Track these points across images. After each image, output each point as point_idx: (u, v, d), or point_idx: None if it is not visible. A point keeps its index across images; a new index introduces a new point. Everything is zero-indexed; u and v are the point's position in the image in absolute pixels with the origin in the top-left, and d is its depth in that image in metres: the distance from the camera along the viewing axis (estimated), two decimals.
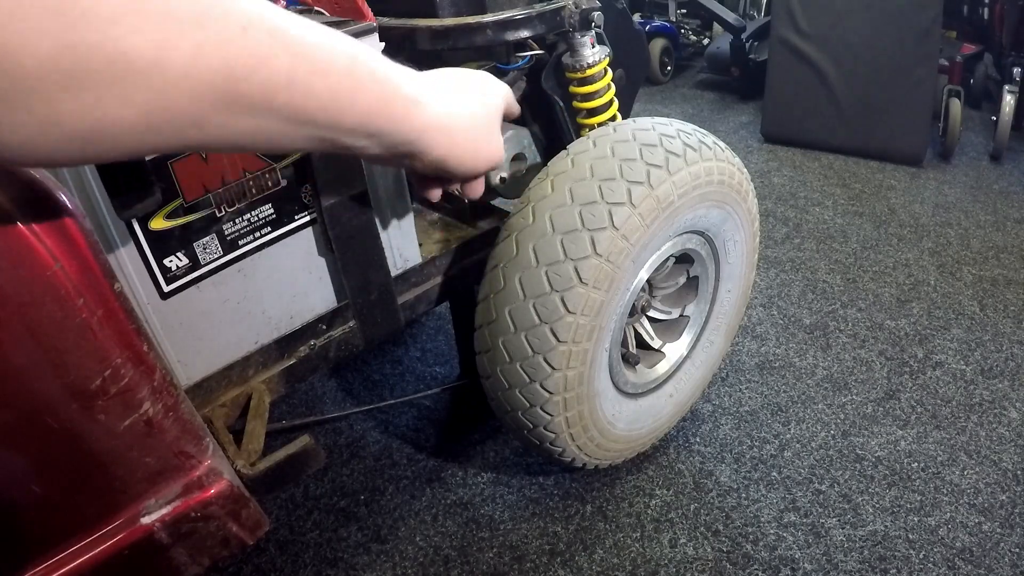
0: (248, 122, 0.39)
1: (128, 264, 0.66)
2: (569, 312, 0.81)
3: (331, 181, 0.76)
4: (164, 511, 0.59)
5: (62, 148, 0.34)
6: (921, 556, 1.00)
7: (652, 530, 1.06)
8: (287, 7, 0.76)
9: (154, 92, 0.34)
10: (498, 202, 1.05)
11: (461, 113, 0.56)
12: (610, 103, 0.98)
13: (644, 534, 1.05)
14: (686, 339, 1.11)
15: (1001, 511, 1.06)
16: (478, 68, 0.92)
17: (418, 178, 0.66)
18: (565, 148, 0.88)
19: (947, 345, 1.41)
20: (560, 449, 0.96)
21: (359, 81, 0.44)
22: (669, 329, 1.11)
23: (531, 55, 0.95)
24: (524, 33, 0.86)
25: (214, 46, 0.35)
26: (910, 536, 1.03)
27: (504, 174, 0.96)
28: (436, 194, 0.69)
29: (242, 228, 0.74)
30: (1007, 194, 2.00)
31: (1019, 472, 1.13)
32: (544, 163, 0.89)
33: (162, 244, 0.68)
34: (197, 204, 0.69)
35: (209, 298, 0.74)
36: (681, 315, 1.10)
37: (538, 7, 0.87)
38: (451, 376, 1.39)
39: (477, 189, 0.66)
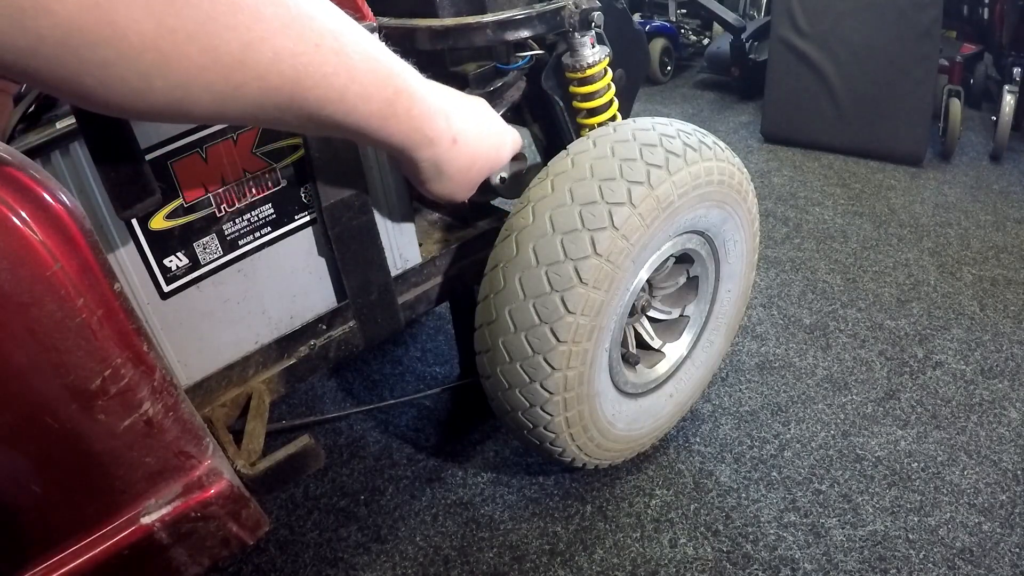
0: (293, 121, 0.44)
1: (128, 264, 0.67)
2: (569, 312, 0.81)
3: (331, 181, 0.76)
4: (164, 511, 0.59)
5: (143, 111, 0.38)
6: (921, 556, 1.00)
7: (652, 530, 1.06)
8: None
9: (231, 85, 0.38)
10: (498, 202, 1.05)
11: (463, 161, 0.62)
12: (610, 103, 0.98)
13: (644, 534, 1.05)
14: (686, 339, 1.11)
15: (1001, 511, 1.06)
16: (478, 69, 0.92)
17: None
18: (565, 148, 0.88)
19: (947, 345, 1.41)
20: (560, 449, 0.96)
21: (395, 113, 0.50)
22: (669, 329, 1.11)
23: (531, 55, 0.95)
24: (524, 33, 0.86)
25: (290, 56, 0.39)
26: (910, 536, 1.03)
27: (504, 174, 0.96)
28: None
29: (242, 228, 0.74)
30: (1007, 194, 2.00)
31: (1019, 472, 1.13)
32: (544, 163, 0.89)
33: (162, 244, 0.68)
34: (197, 204, 0.69)
35: (209, 298, 0.74)
36: (681, 315, 1.10)
37: (538, 7, 0.87)
38: (451, 376, 1.39)
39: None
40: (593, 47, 0.91)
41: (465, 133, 0.61)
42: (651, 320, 1.09)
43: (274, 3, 0.38)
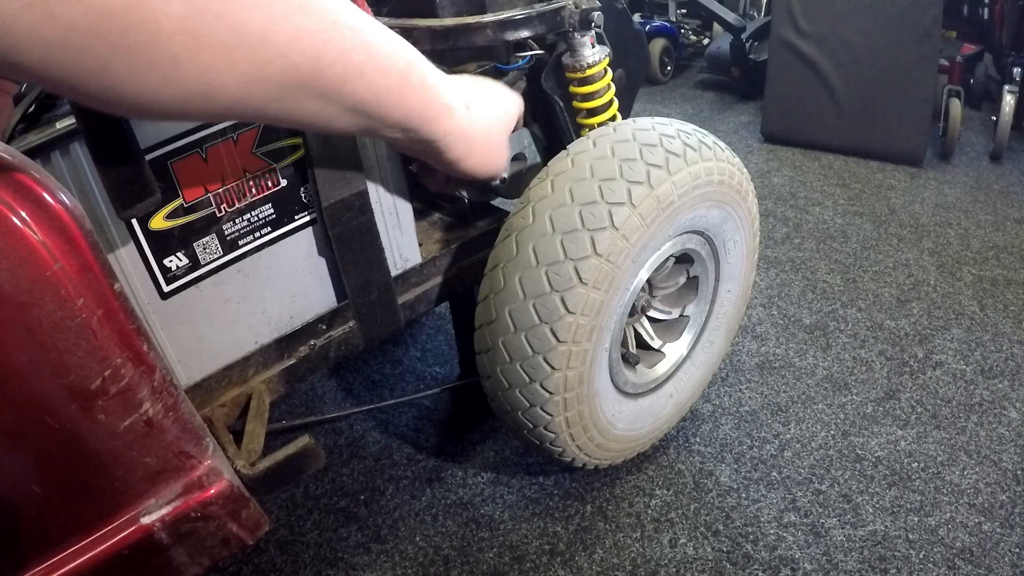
0: (316, 105, 0.44)
1: (128, 264, 0.66)
2: (569, 312, 0.81)
3: (331, 181, 0.76)
4: (164, 511, 0.59)
5: (168, 103, 0.38)
6: (921, 556, 1.00)
7: (652, 530, 1.06)
8: None
9: (256, 64, 0.39)
10: (498, 202, 1.06)
11: (481, 125, 0.63)
12: (610, 103, 0.98)
13: (644, 534, 1.05)
14: (686, 339, 1.11)
15: (1001, 511, 1.06)
16: (478, 69, 0.92)
17: (426, 169, 0.74)
18: (565, 148, 0.88)
19: (947, 345, 1.41)
20: (560, 449, 0.96)
21: (412, 84, 0.50)
22: (669, 329, 1.11)
23: (531, 55, 0.95)
24: (524, 33, 0.86)
25: (310, 33, 0.40)
26: (910, 536, 1.03)
27: (504, 174, 0.96)
28: (437, 185, 0.78)
29: (242, 228, 0.74)
30: (1007, 194, 2.00)
31: (1019, 472, 1.13)
32: (544, 163, 0.89)
33: (162, 244, 0.68)
34: (197, 204, 0.69)
35: (209, 298, 0.74)
36: (681, 315, 1.10)
37: (538, 7, 0.87)
38: (451, 376, 1.39)
39: (471, 187, 0.75)
40: (593, 47, 0.91)
41: (474, 97, 0.62)
42: (651, 320, 1.09)
43: None
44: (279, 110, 0.43)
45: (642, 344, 1.09)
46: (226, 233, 0.72)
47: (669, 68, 3.13)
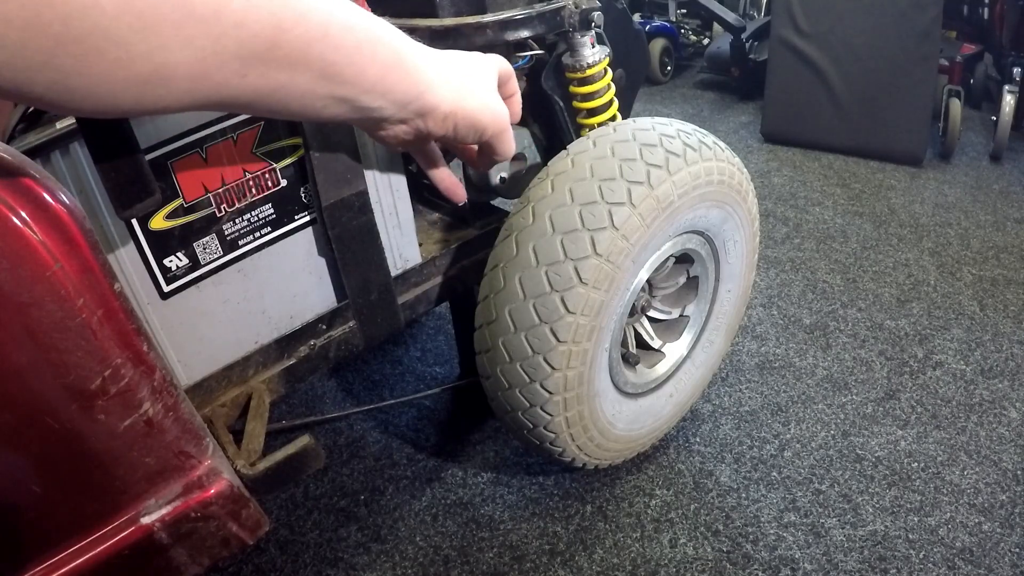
0: (284, 75, 0.43)
1: (128, 264, 0.66)
2: (569, 312, 0.81)
3: (331, 181, 0.76)
4: (164, 511, 0.59)
5: (121, 92, 0.37)
6: (921, 556, 1.00)
7: (652, 530, 1.06)
8: None
9: (211, 38, 0.37)
10: (498, 202, 1.06)
11: (461, 72, 0.59)
12: (610, 103, 0.98)
13: (644, 534, 1.05)
14: (686, 339, 1.11)
15: (1001, 511, 1.06)
16: None
17: (430, 160, 0.68)
18: (565, 148, 0.88)
19: (947, 345, 1.41)
20: (560, 449, 0.96)
21: (378, 39, 0.48)
22: (669, 329, 1.11)
23: (531, 55, 0.95)
24: (524, 33, 0.86)
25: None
26: (910, 536, 1.03)
27: (504, 174, 0.96)
28: (483, 164, 0.69)
29: (242, 228, 0.74)
30: (1007, 194, 2.00)
31: (1019, 472, 1.13)
32: (544, 163, 0.89)
33: (162, 244, 0.68)
34: (197, 204, 0.69)
35: (209, 298, 0.74)
36: (681, 315, 1.10)
37: (538, 7, 0.87)
38: (451, 376, 1.39)
39: (505, 147, 0.64)
40: (593, 47, 0.91)
41: (443, 65, 0.57)
42: (651, 320, 1.09)
43: None
44: (245, 87, 0.41)
45: (642, 344, 1.09)
46: (226, 233, 0.72)
47: (669, 68, 3.13)
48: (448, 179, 0.72)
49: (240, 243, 0.74)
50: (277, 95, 0.44)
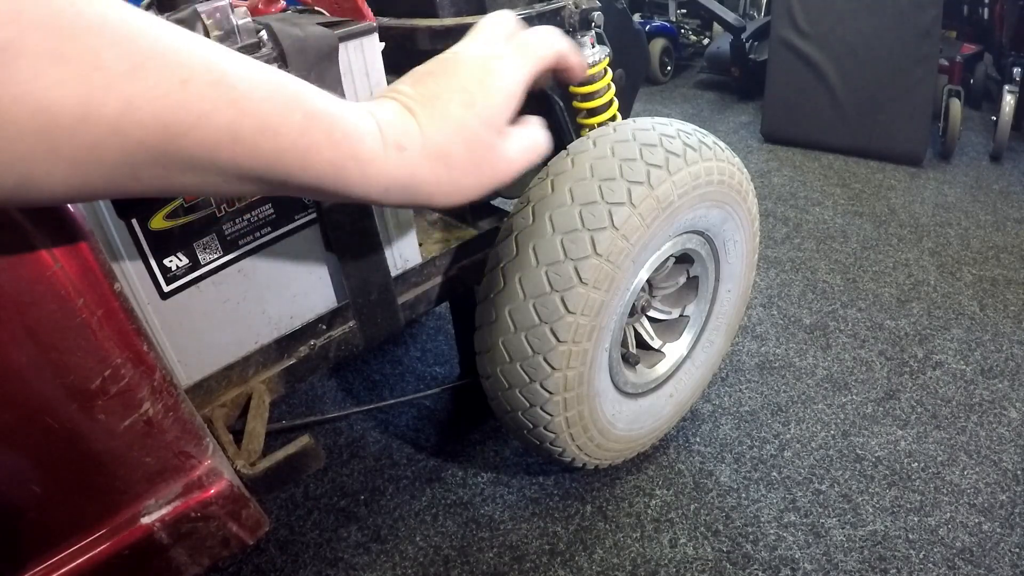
0: (189, 177, 0.36)
1: (128, 264, 0.66)
2: (569, 312, 0.81)
3: None
4: (164, 511, 0.59)
5: None
6: (921, 556, 1.00)
7: (652, 530, 1.06)
8: (287, 7, 0.76)
9: (83, 147, 0.32)
10: (498, 202, 1.06)
11: (437, 150, 0.46)
12: (610, 103, 0.98)
13: (644, 534, 1.05)
14: (686, 339, 1.11)
15: (1001, 511, 1.06)
16: None
17: None
18: (565, 148, 0.88)
19: (947, 345, 1.41)
20: (560, 449, 0.96)
21: (313, 142, 0.40)
22: (669, 329, 1.11)
23: None
24: None
25: (147, 100, 0.33)
26: (910, 536, 1.03)
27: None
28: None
29: (242, 228, 0.74)
30: (1007, 194, 2.00)
31: (1019, 472, 1.13)
32: (544, 163, 0.89)
33: (162, 244, 0.68)
34: (197, 204, 0.69)
35: (209, 298, 0.74)
36: (681, 315, 1.10)
37: (538, 7, 0.87)
38: (451, 376, 1.39)
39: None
40: (593, 47, 0.91)
41: (411, 129, 0.46)
42: (651, 320, 1.09)
43: (117, 44, 0.32)
44: (143, 187, 0.36)
45: (642, 344, 1.09)
46: (226, 233, 0.72)
47: (669, 68, 3.13)
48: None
49: (240, 243, 0.74)
50: (189, 189, 0.38)
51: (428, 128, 0.46)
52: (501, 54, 0.51)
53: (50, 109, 0.31)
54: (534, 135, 0.52)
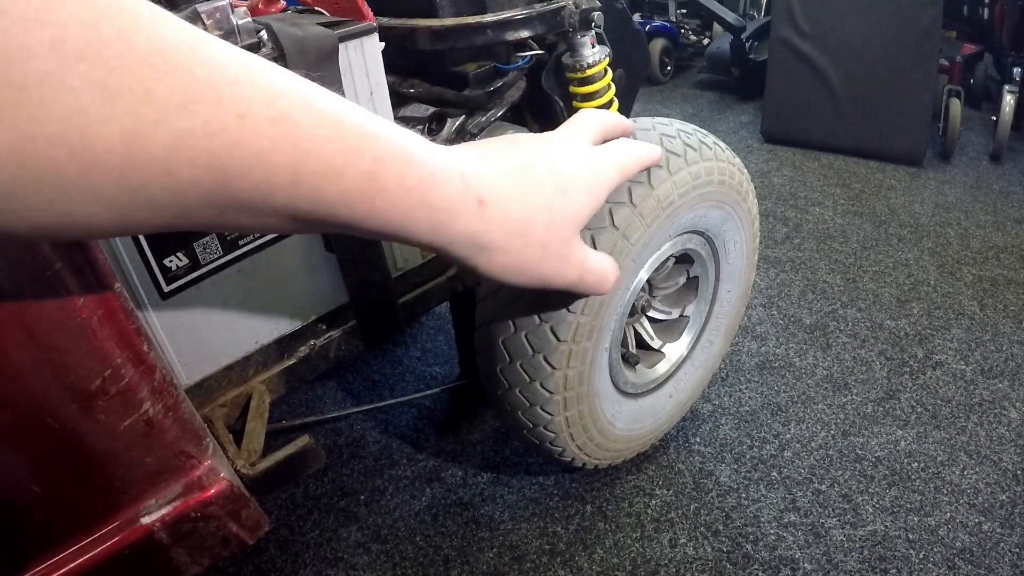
0: (243, 218, 0.33)
1: (128, 264, 0.66)
2: (569, 311, 0.81)
3: None
4: (164, 511, 0.59)
5: (26, 234, 0.30)
6: (921, 556, 1.00)
7: (652, 530, 1.06)
8: (287, 7, 0.75)
9: (128, 190, 0.29)
10: None
11: (507, 224, 0.43)
12: (610, 103, 0.98)
13: (644, 534, 1.05)
14: (686, 339, 1.11)
15: (1001, 511, 1.06)
16: (478, 68, 0.91)
17: None
18: None
19: (947, 345, 1.41)
20: (560, 449, 0.96)
21: (382, 188, 0.36)
22: (669, 329, 1.11)
23: (531, 55, 0.95)
24: (524, 33, 0.86)
25: (200, 137, 0.29)
26: (910, 536, 1.03)
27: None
28: None
29: None
30: (1007, 194, 2.00)
31: (1019, 472, 1.13)
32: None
33: (162, 244, 0.68)
34: None
35: (209, 298, 0.74)
36: (681, 315, 1.10)
37: (538, 7, 0.87)
38: (451, 376, 1.39)
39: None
40: (593, 47, 0.91)
41: (497, 187, 0.43)
42: (651, 320, 1.09)
43: (169, 74, 0.28)
44: (192, 225, 0.32)
45: (642, 344, 1.09)
46: (226, 233, 0.72)
47: (669, 68, 3.13)
48: None
49: (240, 243, 0.74)
50: (244, 229, 0.35)
51: (515, 195, 0.44)
52: (600, 158, 0.50)
53: (93, 148, 0.27)
54: (609, 267, 0.50)
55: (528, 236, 0.45)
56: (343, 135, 0.34)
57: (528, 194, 0.45)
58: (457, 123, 0.95)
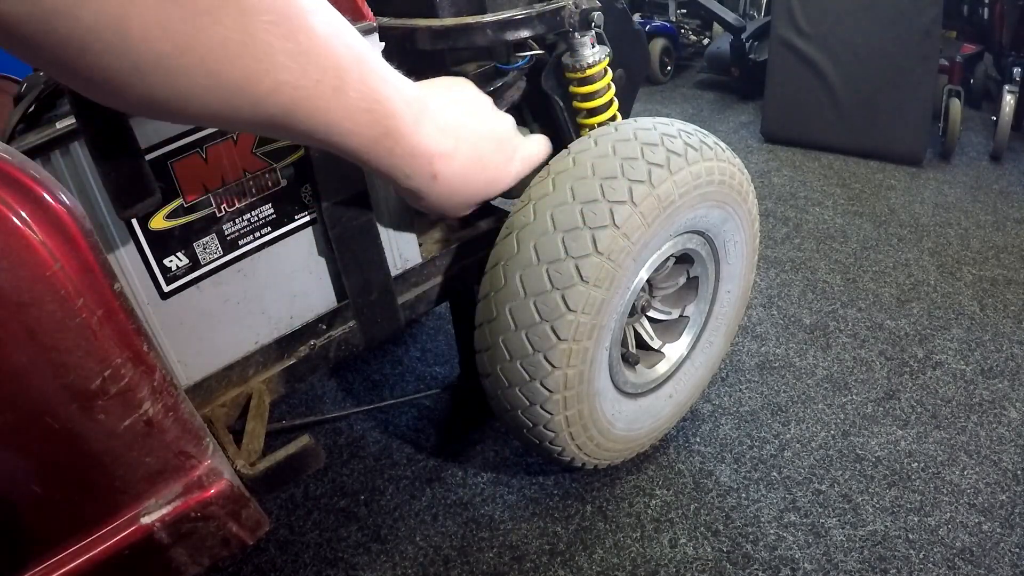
0: (282, 135, 0.54)
1: (128, 264, 0.66)
2: (570, 310, 0.81)
3: (331, 181, 0.76)
4: (164, 511, 0.59)
5: (135, 102, 0.40)
6: (921, 556, 1.00)
7: (652, 530, 1.06)
8: None
9: (229, 107, 0.42)
10: (498, 201, 1.05)
11: (448, 189, 0.67)
12: (610, 103, 0.98)
13: (644, 534, 1.05)
14: (686, 339, 1.11)
15: (1001, 511, 1.06)
16: (478, 69, 0.92)
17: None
18: (566, 147, 0.88)
19: (947, 345, 1.41)
20: (559, 448, 0.96)
21: (376, 150, 0.54)
22: (669, 329, 1.11)
23: (531, 55, 0.95)
24: (524, 33, 0.86)
25: (289, 89, 0.43)
26: (910, 536, 1.03)
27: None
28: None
29: (242, 228, 0.73)
30: (1007, 194, 2.00)
31: (1019, 472, 1.13)
32: (545, 162, 0.89)
33: (162, 244, 0.68)
34: (197, 204, 0.69)
35: (209, 298, 0.74)
36: (681, 315, 1.10)
37: (538, 7, 0.87)
38: (451, 376, 1.39)
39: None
40: (593, 47, 0.91)
41: (449, 172, 0.64)
42: (651, 320, 1.09)
43: (287, 37, 0.39)
44: (247, 129, 0.49)
45: (642, 344, 1.09)
46: (226, 233, 0.72)
47: (669, 68, 3.13)
48: None
49: (240, 243, 0.74)
50: (276, 136, 0.53)
51: (457, 174, 0.66)
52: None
53: (220, 75, 0.39)
54: (543, 147, 0.79)
55: (452, 200, 0.66)
56: (373, 110, 0.50)
57: (471, 176, 0.67)
58: None
